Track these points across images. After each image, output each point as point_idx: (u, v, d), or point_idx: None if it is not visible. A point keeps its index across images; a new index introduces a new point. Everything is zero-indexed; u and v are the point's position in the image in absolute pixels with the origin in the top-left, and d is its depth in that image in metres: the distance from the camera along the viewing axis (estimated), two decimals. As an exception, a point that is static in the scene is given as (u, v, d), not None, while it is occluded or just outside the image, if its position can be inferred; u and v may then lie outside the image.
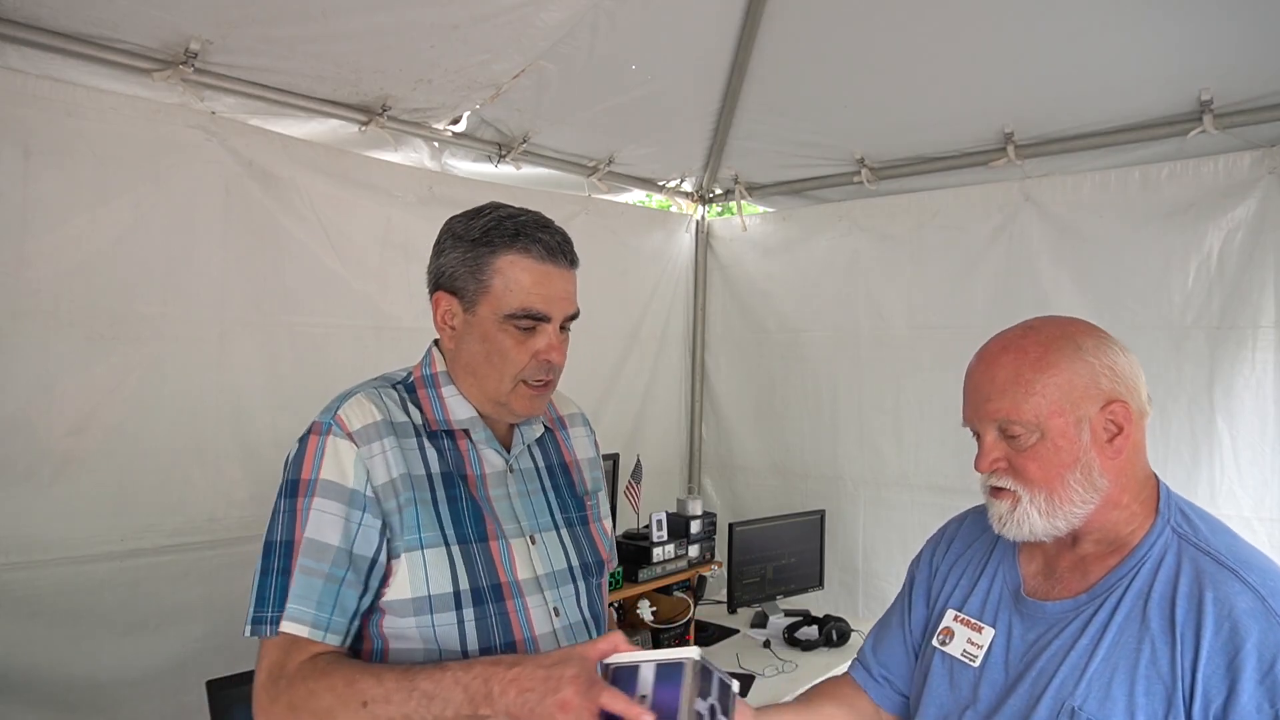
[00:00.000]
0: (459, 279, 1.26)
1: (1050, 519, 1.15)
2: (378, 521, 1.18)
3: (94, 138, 2.10)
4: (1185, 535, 1.14)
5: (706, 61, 3.00)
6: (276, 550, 1.16)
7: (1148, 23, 2.41)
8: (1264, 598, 1.03)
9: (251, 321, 2.40)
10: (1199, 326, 2.67)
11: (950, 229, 3.19)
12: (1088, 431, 1.14)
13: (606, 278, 3.53)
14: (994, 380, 1.17)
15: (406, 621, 1.18)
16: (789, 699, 1.57)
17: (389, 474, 1.20)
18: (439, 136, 2.87)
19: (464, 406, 1.29)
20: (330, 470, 1.17)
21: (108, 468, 2.14)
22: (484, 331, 1.26)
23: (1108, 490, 1.14)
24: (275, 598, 1.14)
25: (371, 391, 1.26)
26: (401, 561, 1.18)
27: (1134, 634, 1.09)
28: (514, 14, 2.36)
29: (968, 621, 1.28)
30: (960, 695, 1.24)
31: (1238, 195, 2.61)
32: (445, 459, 1.26)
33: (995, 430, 1.17)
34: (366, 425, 1.21)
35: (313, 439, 1.20)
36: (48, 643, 2.04)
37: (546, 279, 1.29)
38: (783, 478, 3.71)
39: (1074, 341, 1.17)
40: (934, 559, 1.41)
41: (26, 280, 2.01)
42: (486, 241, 1.25)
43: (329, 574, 1.14)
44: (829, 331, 3.55)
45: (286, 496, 1.19)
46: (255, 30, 2.18)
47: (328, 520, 1.16)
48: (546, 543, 1.32)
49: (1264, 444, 2.56)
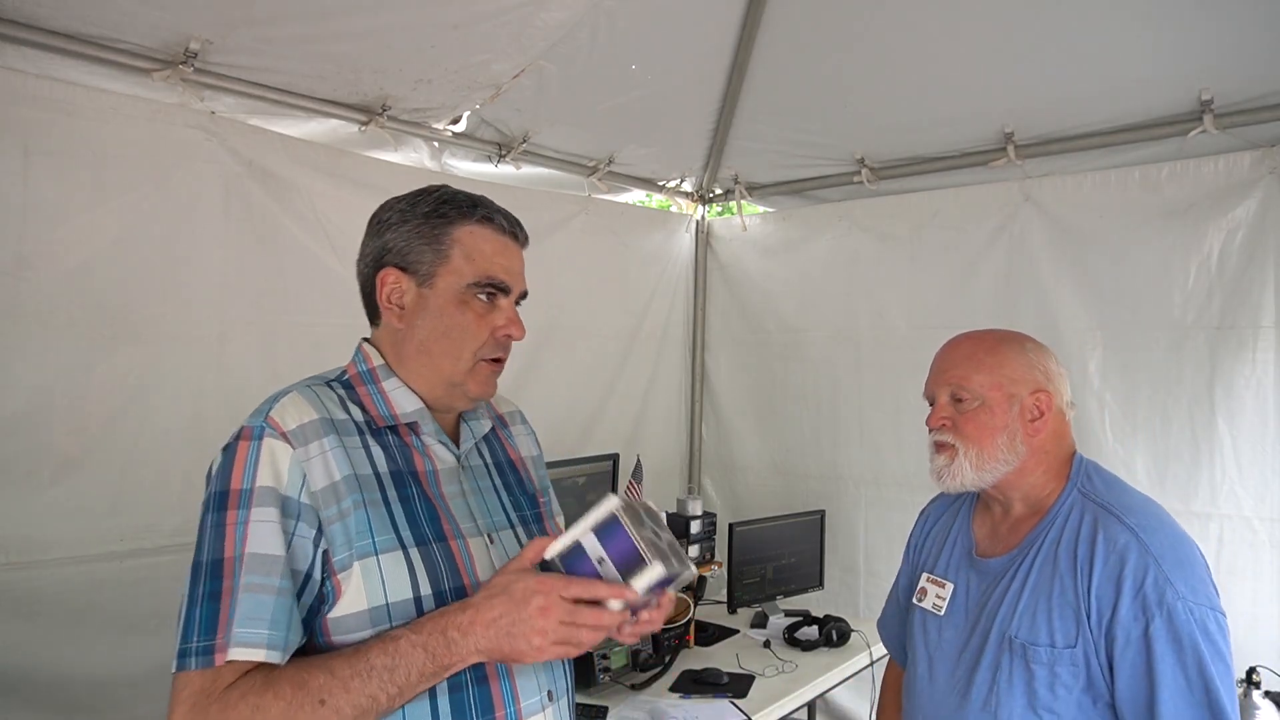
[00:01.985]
0: (412, 252, 1.19)
1: (979, 471, 1.46)
2: (312, 532, 1.07)
3: (94, 138, 2.10)
4: (1088, 493, 1.44)
5: (706, 61, 3.00)
6: (204, 572, 1.04)
7: (1148, 23, 2.41)
8: (1137, 533, 1.34)
9: (251, 321, 2.40)
10: (1199, 326, 2.67)
11: (950, 229, 3.19)
12: (1017, 408, 1.47)
13: (606, 278, 3.53)
14: (953, 356, 1.54)
15: (362, 634, 1.07)
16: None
17: (330, 476, 1.10)
18: (439, 136, 2.87)
19: (409, 398, 1.21)
20: (265, 476, 1.07)
21: (108, 468, 2.14)
22: (441, 305, 1.19)
23: (1025, 457, 1.46)
24: (203, 626, 1.01)
25: (305, 390, 1.17)
26: (354, 571, 1.08)
27: (1049, 574, 1.40)
28: (514, 14, 2.36)
29: (935, 580, 1.59)
30: (930, 639, 1.56)
31: (1238, 195, 2.61)
32: (393, 457, 1.18)
33: (948, 394, 1.51)
34: (303, 424, 1.12)
35: (242, 445, 1.10)
36: (48, 643, 2.04)
37: (505, 250, 1.24)
38: (783, 478, 3.71)
39: (1020, 343, 1.52)
40: (916, 536, 1.74)
41: (26, 280, 2.01)
42: (442, 214, 1.20)
43: (279, 588, 1.04)
44: (829, 331, 3.55)
45: (214, 510, 1.07)
46: (255, 30, 2.17)
47: (268, 530, 1.05)
48: (504, 542, 1.25)
49: (1264, 444, 2.56)
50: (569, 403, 3.40)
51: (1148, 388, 2.75)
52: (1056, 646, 1.35)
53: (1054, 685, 1.35)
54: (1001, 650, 1.40)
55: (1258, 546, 2.57)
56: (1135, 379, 2.77)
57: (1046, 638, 1.36)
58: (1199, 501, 2.64)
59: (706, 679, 2.55)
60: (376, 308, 1.24)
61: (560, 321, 3.31)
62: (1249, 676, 2.25)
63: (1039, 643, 1.36)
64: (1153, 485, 2.71)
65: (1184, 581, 1.29)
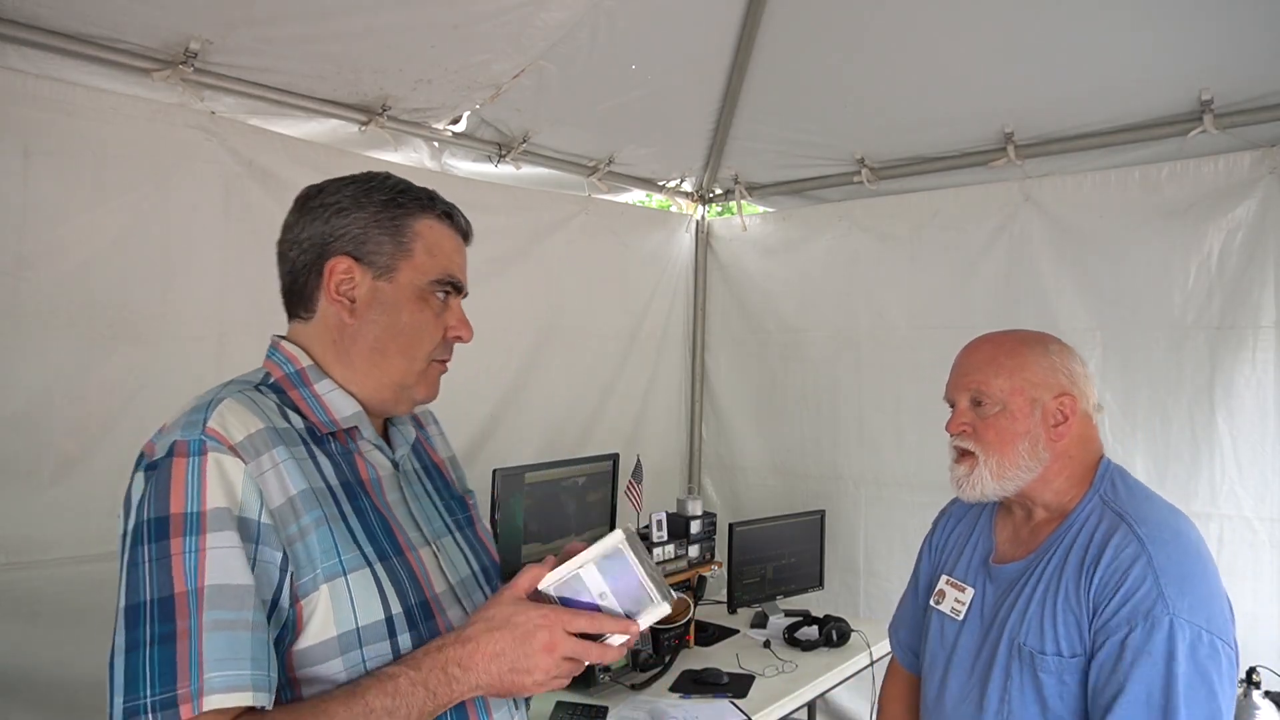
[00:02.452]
0: (370, 241, 1.09)
1: (1000, 480, 1.41)
2: (278, 556, 0.96)
3: (94, 138, 2.09)
4: (1109, 500, 1.39)
5: (706, 61, 3.00)
6: (146, 614, 0.90)
7: (1148, 23, 2.41)
8: (1146, 544, 1.29)
9: (251, 321, 2.39)
10: (1199, 326, 2.67)
11: (950, 229, 3.19)
12: (1040, 412, 1.41)
13: (606, 278, 3.53)
14: (974, 360, 1.48)
15: (331, 665, 0.98)
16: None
17: (285, 493, 0.98)
18: (439, 136, 2.87)
19: (347, 402, 1.10)
20: (217, 496, 0.93)
21: (108, 468, 2.14)
22: (400, 301, 1.10)
23: (1047, 464, 1.41)
24: (156, 675, 0.88)
25: (240, 396, 1.03)
26: (321, 595, 0.97)
27: (1058, 579, 1.35)
28: (514, 14, 2.36)
29: (955, 583, 1.54)
30: (946, 645, 1.51)
31: (1238, 195, 2.61)
32: (340, 466, 1.07)
33: (968, 399, 1.45)
34: (251, 435, 0.99)
35: (178, 462, 0.94)
36: (48, 643, 2.04)
37: (460, 249, 1.17)
38: (783, 478, 3.71)
39: (1044, 345, 1.46)
40: (937, 535, 1.69)
41: (26, 280, 2.01)
42: (400, 204, 1.11)
43: (254, 622, 0.91)
44: (829, 331, 3.55)
45: (150, 541, 0.92)
46: (255, 30, 2.17)
47: (231, 557, 0.92)
48: (447, 549, 1.17)
49: (1264, 443, 2.56)
50: (569, 403, 3.39)
51: (1148, 388, 2.75)
52: (1063, 655, 1.31)
53: (1064, 695, 1.30)
54: (1011, 659, 1.36)
55: (1258, 546, 2.57)
56: (1135, 379, 2.77)
57: (1053, 646, 1.32)
58: (1199, 501, 2.64)
59: (706, 679, 2.55)
60: (307, 299, 1.13)
61: (560, 321, 3.31)
62: (1249, 676, 2.25)
63: (1046, 651, 1.32)
64: (1153, 485, 2.63)
65: (1182, 598, 1.23)
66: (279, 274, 1.18)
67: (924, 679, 1.58)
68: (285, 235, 1.16)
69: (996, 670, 1.38)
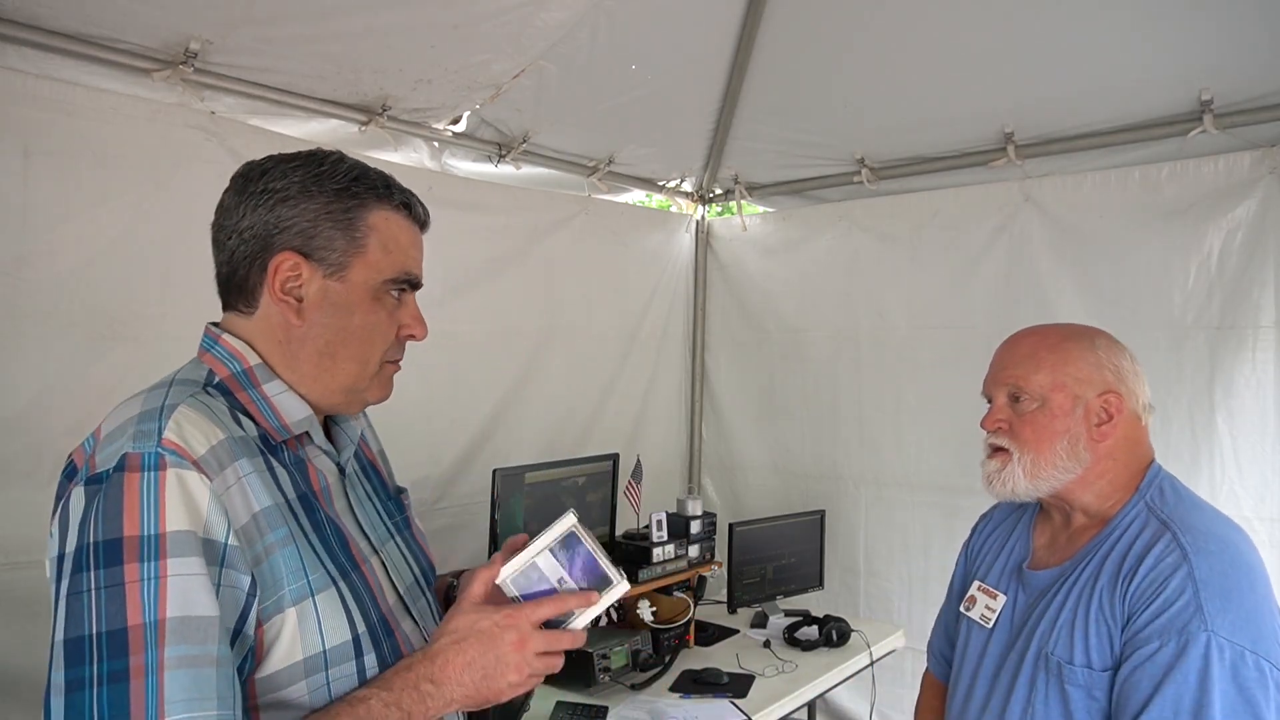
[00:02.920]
0: (319, 236, 1.00)
1: (1033, 480, 1.34)
2: (246, 579, 0.88)
3: (94, 138, 2.09)
4: (1154, 507, 1.31)
5: (706, 61, 3.00)
6: (93, 648, 0.80)
7: (1148, 23, 2.41)
8: (1189, 554, 1.20)
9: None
10: (1199, 326, 2.67)
11: (950, 229, 3.19)
12: (1082, 410, 1.33)
13: (606, 278, 3.53)
14: (1014, 354, 1.40)
15: (295, 689, 0.92)
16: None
17: (249, 510, 0.91)
18: (439, 136, 2.87)
19: (297, 405, 1.02)
20: (179, 517, 0.84)
21: (108, 468, 2.14)
22: (353, 301, 1.01)
23: (1088, 465, 1.33)
24: (105, 717, 0.79)
25: (193, 401, 0.94)
26: (288, 618, 0.91)
27: (1092, 587, 1.28)
28: (514, 14, 2.36)
29: (986, 590, 1.47)
30: (974, 653, 1.45)
31: (1238, 195, 2.61)
32: (294, 477, 1.00)
33: (1006, 395, 1.39)
34: (214, 446, 0.90)
35: (130, 478, 0.84)
36: (48, 643, 2.04)
37: (417, 241, 1.08)
38: (783, 478, 3.71)
39: (1090, 339, 1.39)
40: (974, 540, 1.63)
41: (26, 280, 2.01)
42: (354, 193, 1.02)
43: (219, 657, 0.83)
44: (829, 331, 3.55)
45: (100, 566, 0.82)
46: (255, 30, 2.17)
47: (196, 585, 0.83)
48: (392, 556, 1.11)
49: (1264, 443, 2.56)
50: (569, 403, 3.39)
51: (1147, 388, 2.75)
52: (1093, 668, 1.23)
53: (1091, 711, 1.23)
54: (1038, 669, 1.29)
55: (1258, 546, 2.57)
56: (1135, 379, 2.77)
57: (1083, 658, 1.24)
58: (1199, 501, 2.63)
59: (706, 679, 2.55)
60: (248, 294, 1.04)
61: (560, 321, 3.31)
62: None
63: (1075, 663, 1.25)
64: None
65: (1223, 614, 1.15)
66: (214, 260, 1.07)
67: (950, 688, 1.53)
68: (222, 219, 1.06)
69: (1021, 681, 1.32)
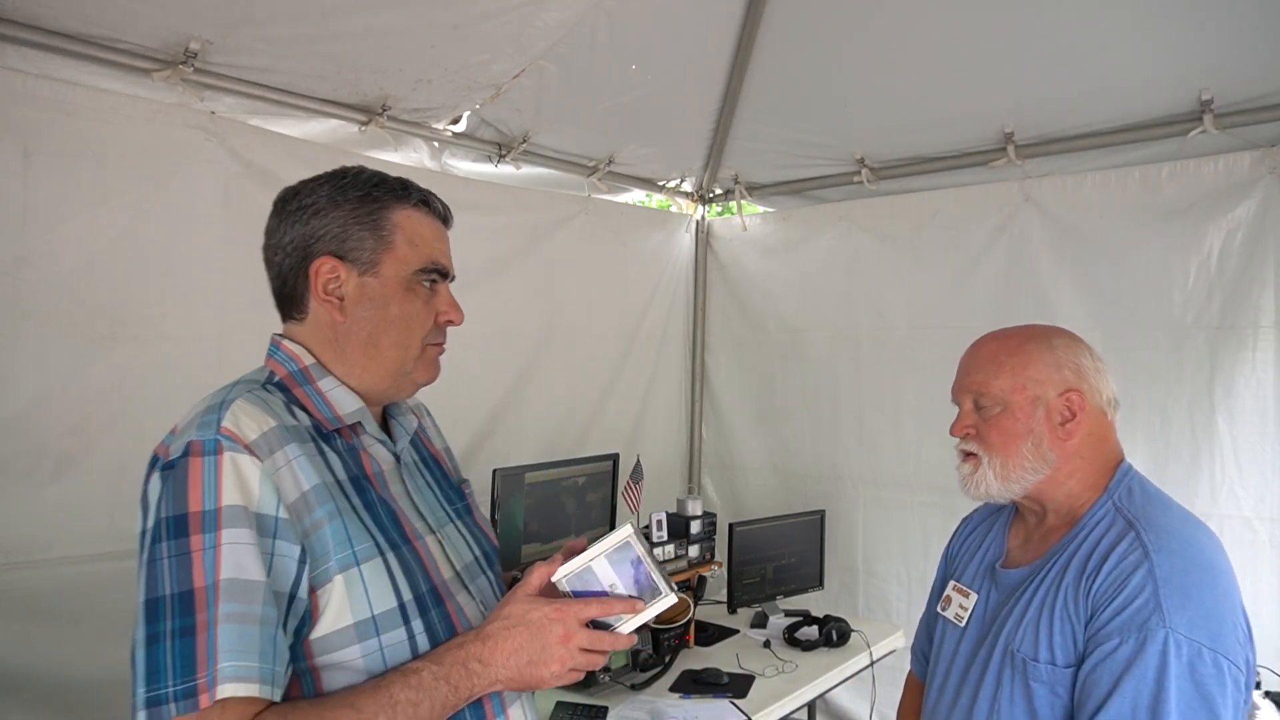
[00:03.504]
0: (350, 239, 1.11)
1: (1004, 482, 1.37)
2: (295, 550, 0.99)
3: (94, 138, 2.09)
4: (1122, 507, 1.33)
5: (706, 61, 3.01)
6: (168, 606, 0.93)
7: (1148, 23, 2.41)
8: (1150, 552, 1.23)
9: (251, 321, 2.38)
10: (1199, 326, 2.67)
11: (950, 229, 3.19)
12: (1043, 411, 1.35)
13: (606, 278, 3.53)
14: (976, 359, 1.43)
15: (349, 652, 1.02)
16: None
17: (299, 488, 1.02)
18: (439, 136, 2.87)
19: (349, 398, 1.14)
20: (233, 494, 0.97)
21: (107, 467, 2.14)
22: (387, 294, 1.13)
23: (1056, 464, 1.35)
24: (178, 666, 0.91)
25: (250, 395, 1.07)
26: (336, 585, 1.01)
27: (1058, 585, 1.30)
28: (514, 14, 2.36)
29: (961, 589, 1.50)
30: (947, 651, 1.47)
31: (1238, 195, 2.61)
32: (346, 462, 1.11)
33: (971, 401, 1.41)
34: (265, 433, 1.02)
35: (194, 461, 0.99)
36: (48, 643, 2.04)
37: (441, 235, 1.19)
38: (782, 478, 3.71)
39: (1048, 339, 1.40)
40: (954, 541, 1.65)
41: (26, 280, 2.01)
42: (375, 198, 1.13)
43: (263, 616, 0.95)
44: (829, 331, 3.55)
45: (170, 538, 0.95)
46: (255, 30, 2.17)
47: (246, 553, 0.95)
48: (450, 537, 1.21)
49: (1264, 444, 2.56)
50: (569, 403, 3.40)
51: (1147, 388, 2.75)
52: (1057, 665, 1.25)
53: (1055, 707, 1.25)
54: (1005, 665, 1.32)
55: (1257, 546, 2.57)
56: (1135, 379, 2.77)
57: (1047, 655, 1.27)
58: (1199, 501, 2.63)
59: (706, 679, 2.55)
60: (298, 301, 1.15)
61: (560, 321, 3.31)
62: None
63: (1040, 659, 1.27)
64: None
65: (1181, 611, 1.17)
66: (268, 278, 1.19)
67: (926, 687, 1.55)
68: (268, 240, 1.17)
69: (989, 677, 1.34)
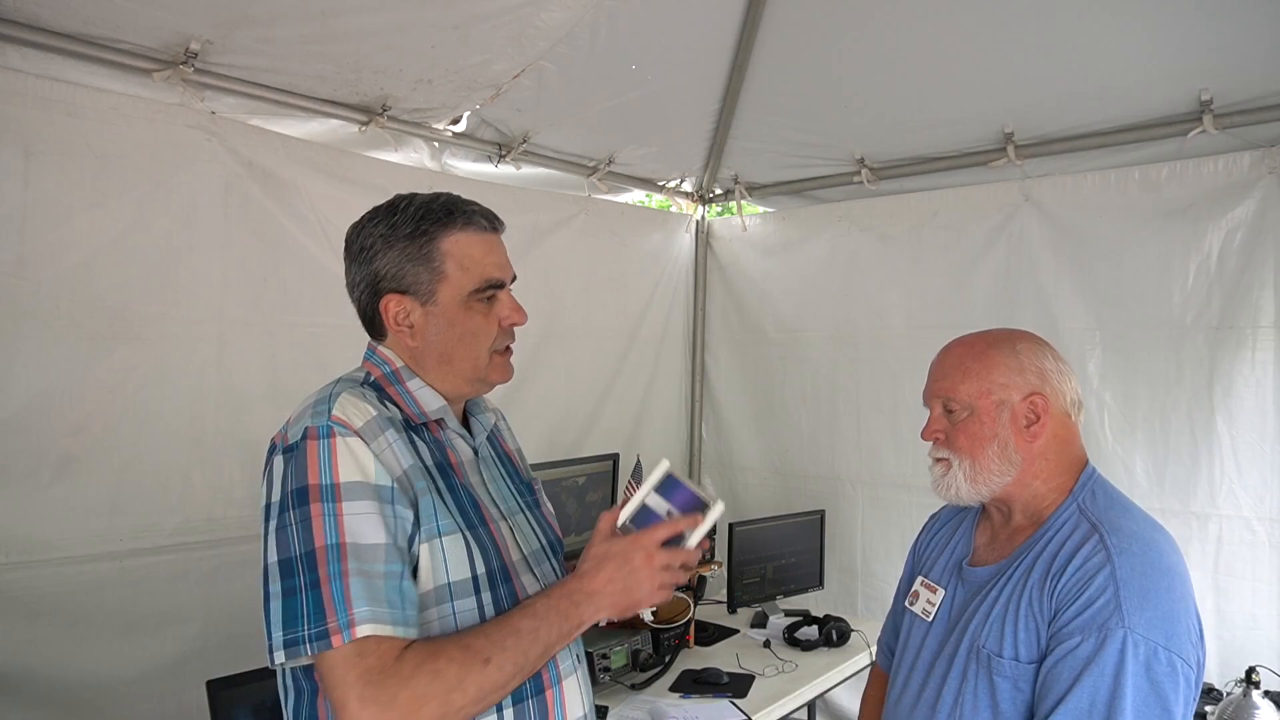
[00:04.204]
0: (406, 276, 1.24)
1: (974, 484, 1.40)
2: (409, 512, 1.15)
3: (94, 138, 2.10)
4: (1086, 509, 1.36)
5: (706, 61, 3.01)
6: (296, 565, 1.08)
7: (1148, 23, 2.42)
8: (1112, 554, 1.26)
9: (251, 321, 2.40)
10: (1199, 326, 2.67)
11: (950, 229, 3.19)
12: (1008, 414, 1.38)
13: (606, 278, 3.53)
14: (944, 365, 1.46)
15: (428, 613, 1.15)
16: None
17: (400, 466, 1.17)
18: (439, 136, 2.87)
19: (434, 397, 1.28)
20: (349, 471, 1.12)
21: (107, 468, 2.14)
22: (450, 317, 1.26)
23: (1021, 466, 1.38)
24: (311, 614, 1.05)
25: (353, 389, 1.22)
26: (423, 552, 1.16)
27: (1023, 584, 1.33)
28: (514, 14, 2.36)
29: (928, 585, 1.54)
30: (913, 646, 1.50)
31: (1238, 195, 2.62)
32: (432, 451, 1.26)
33: (940, 406, 1.44)
34: (369, 421, 1.17)
35: (312, 444, 1.13)
36: (48, 643, 2.04)
37: (492, 247, 1.30)
38: (782, 478, 3.71)
39: (1011, 344, 1.43)
40: (922, 538, 1.68)
41: (26, 280, 2.01)
42: (423, 231, 1.24)
43: (387, 572, 1.09)
44: (828, 332, 3.55)
45: (294, 507, 1.10)
46: (255, 30, 2.18)
47: (366, 520, 1.10)
48: (519, 525, 1.34)
49: (1264, 444, 2.56)
50: (569, 403, 3.40)
51: (1147, 388, 2.75)
52: (1020, 660, 1.29)
53: (1017, 701, 1.29)
54: (970, 660, 1.35)
55: (1257, 546, 2.58)
56: (1135, 379, 2.77)
57: (1011, 650, 1.30)
58: (1198, 501, 2.64)
59: (706, 679, 2.55)
60: (379, 327, 1.29)
61: (560, 321, 3.31)
62: (1248, 676, 2.25)
63: (1004, 655, 1.31)
64: (1152, 485, 2.71)
65: (1140, 612, 1.21)
66: (354, 306, 1.34)
67: (890, 679, 1.57)
68: (347, 278, 1.32)
69: (954, 672, 1.37)
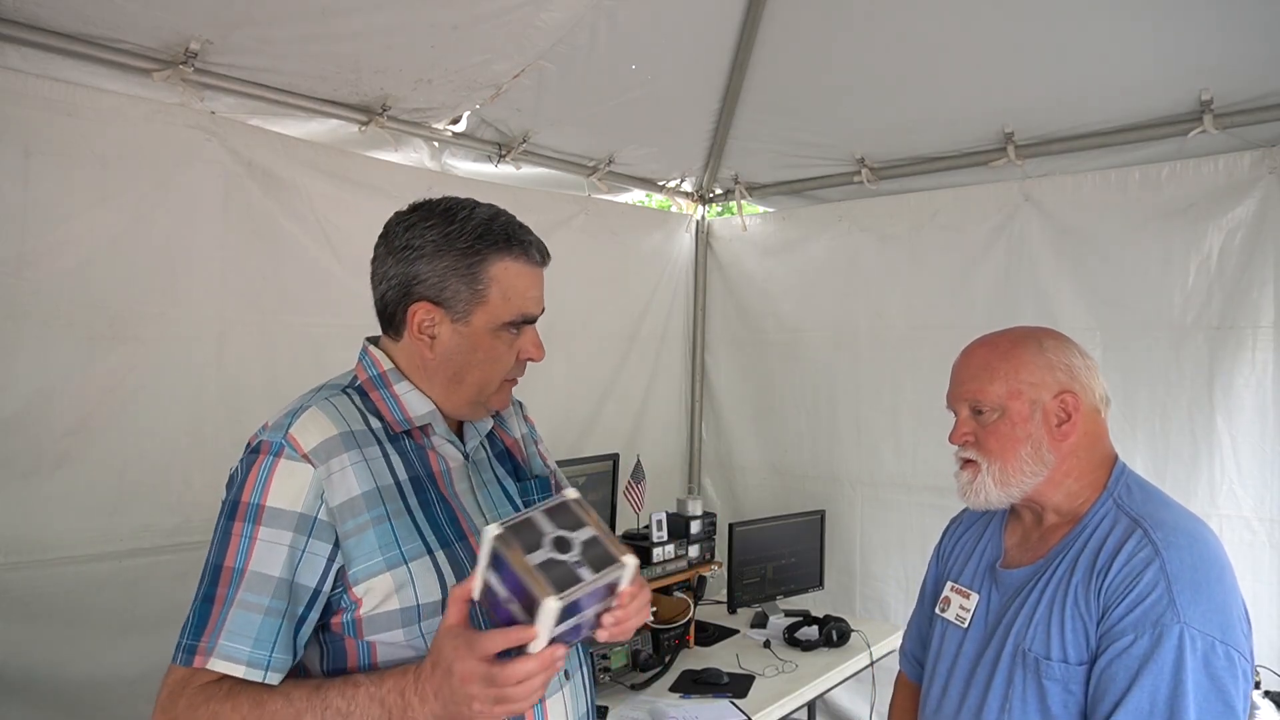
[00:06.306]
0: (447, 289, 1.19)
1: (1004, 488, 1.37)
2: (327, 547, 1.11)
3: (94, 138, 2.10)
4: (1123, 504, 1.34)
5: (706, 61, 3.01)
6: (207, 574, 1.10)
7: (1148, 23, 2.41)
8: (1160, 549, 1.24)
9: (251, 321, 2.40)
10: (1199, 326, 2.67)
11: (950, 229, 3.19)
12: (1040, 414, 1.36)
13: (606, 278, 3.53)
14: (969, 367, 1.43)
15: (394, 634, 1.13)
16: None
17: (349, 492, 1.13)
18: (439, 136, 2.87)
19: (421, 401, 1.24)
20: (278, 496, 1.10)
21: (107, 467, 2.14)
22: (475, 341, 1.22)
23: (1054, 466, 1.36)
24: (194, 626, 1.07)
25: (324, 403, 1.18)
26: (384, 579, 1.12)
27: (1067, 584, 1.31)
28: (514, 14, 2.36)
29: (960, 590, 1.49)
30: (948, 653, 1.46)
31: (1238, 195, 2.61)
32: (410, 462, 1.21)
33: (968, 409, 1.41)
34: (325, 441, 1.14)
35: (259, 459, 1.12)
36: (48, 643, 2.04)
37: (536, 281, 1.26)
38: (782, 478, 3.71)
39: (1038, 341, 1.41)
40: (945, 542, 1.64)
41: (26, 280, 2.01)
42: (477, 250, 1.19)
43: (269, 608, 1.08)
44: (828, 331, 3.55)
45: (226, 518, 1.12)
46: (255, 30, 2.18)
47: (273, 551, 1.08)
48: None
49: (1264, 444, 2.56)
50: (569, 403, 3.39)
51: (1147, 388, 2.75)
52: (1069, 662, 1.26)
53: (1069, 704, 1.26)
54: (1015, 665, 1.31)
55: (1257, 547, 2.57)
56: (1135, 379, 2.77)
57: (1060, 652, 1.27)
58: (1198, 501, 2.63)
59: (706, 679, 2.55)
60: (396, 327, 1.24)
61: (560, 321, 3.28)
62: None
63: (1052, 658, 1.27)
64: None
65: (1194, 606, 1.19)
66: (372, 294, 1.28)
67: (924, 688, 1.53)
68: (376, 266, 1.27)
69: (998, 677, 1.34)
